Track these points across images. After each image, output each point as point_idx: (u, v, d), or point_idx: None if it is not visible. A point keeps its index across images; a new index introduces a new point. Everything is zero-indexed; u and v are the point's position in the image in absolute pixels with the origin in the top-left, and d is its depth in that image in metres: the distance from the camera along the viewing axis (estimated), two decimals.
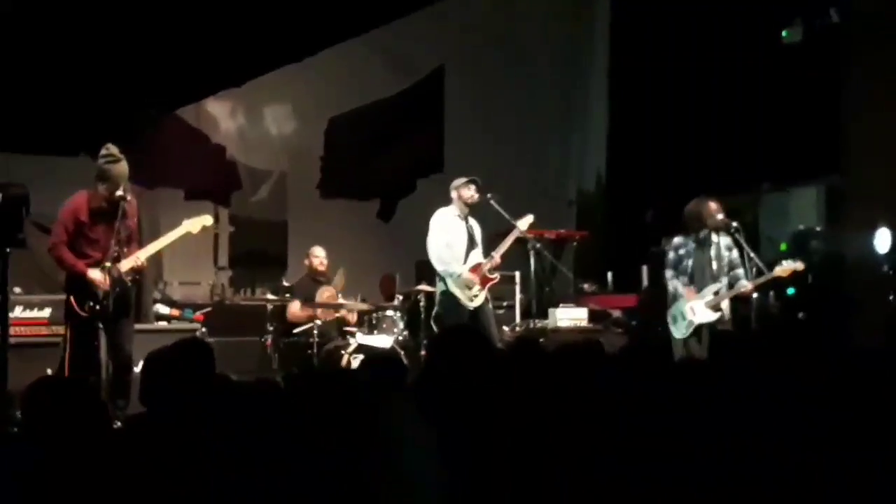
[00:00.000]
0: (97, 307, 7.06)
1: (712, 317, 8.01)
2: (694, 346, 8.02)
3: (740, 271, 8.07)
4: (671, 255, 8.27)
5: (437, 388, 3.06)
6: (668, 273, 8.27)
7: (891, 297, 8.91)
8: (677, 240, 8.30)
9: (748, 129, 11.43)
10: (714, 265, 8.10)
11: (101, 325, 7.14)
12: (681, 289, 8.09)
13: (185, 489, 2.34)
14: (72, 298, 7.17)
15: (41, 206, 7.66)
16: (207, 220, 7.80)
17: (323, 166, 12.72)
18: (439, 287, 8.51)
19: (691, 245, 8.18)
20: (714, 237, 8.16)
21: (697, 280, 8.12)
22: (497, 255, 8.47)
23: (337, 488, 2.48)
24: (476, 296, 8.39)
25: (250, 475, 2.42)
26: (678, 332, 8.05)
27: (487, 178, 8.84)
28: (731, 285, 8.05)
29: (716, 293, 8.02)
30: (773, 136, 11.17)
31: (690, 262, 8.16)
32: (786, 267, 8.01)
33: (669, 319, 8.14)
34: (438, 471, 2.58)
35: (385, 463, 2.59)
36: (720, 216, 8.07)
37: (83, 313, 7.10)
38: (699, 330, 8.00)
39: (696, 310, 7.99)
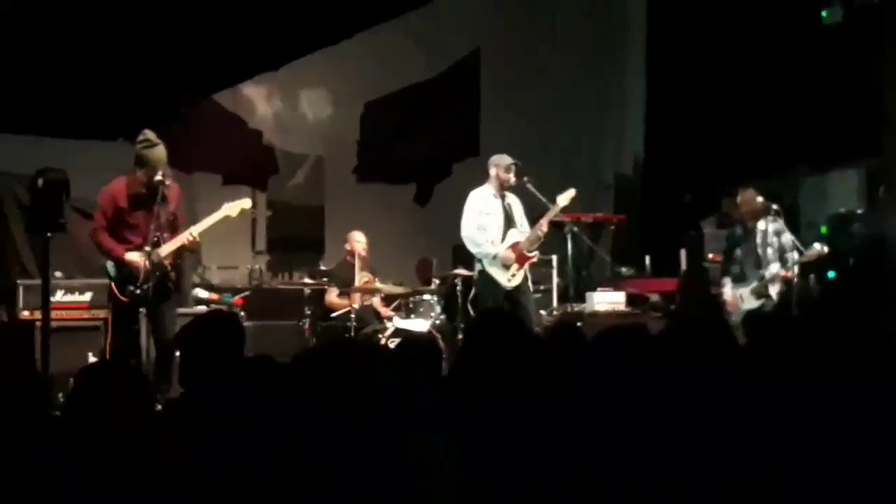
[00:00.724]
0: (137, 292, 7.11)
1: (757, 303, 8.12)
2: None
3: (793, 255, 8.14)
4: (724, 244, 8.44)
5: (471, 372, 3.05)
6: (723, 266, 8.43)
7: None
8: (730, 230, 8.47)
9: (787, 111, 11.30)
10: (760, 252, 8.21)
11: (142, 310, 7.19)
12: (726, 286, 8.23)
13: (222, 471, 2.36)
14: (112, 284, 7.24)
15: (82, 192, 7.76)
16: (246, 203, 7.82)
17: (359, 150, 12.73)
18: (477, 267, 8.49)
19: (738, 233, 8.33)
20: (761, 224, 8.23)
21: (746, 268, 8.24)
22: (540, 230, 8.39)
23: (361, 470, 2.48)
24: (514, 275, 8.34)
25: (277, 457, 2.43)
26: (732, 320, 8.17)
27: (523, 162, 8.81)
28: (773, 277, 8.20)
29: (760, 279, 8.15)
30: (813, 118, 11.04)
31: (739, 252, 8.31)
32: (812, 252, 8.10)
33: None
34: (457, 459, 2.56)
35: (401, 447, 2.58)
36: (759, 200, 8.16)
37: (124, 298, 7.16)
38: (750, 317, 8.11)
39: (743, 297, 8.14)
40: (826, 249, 8.15)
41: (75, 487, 2.38)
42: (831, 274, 10.38)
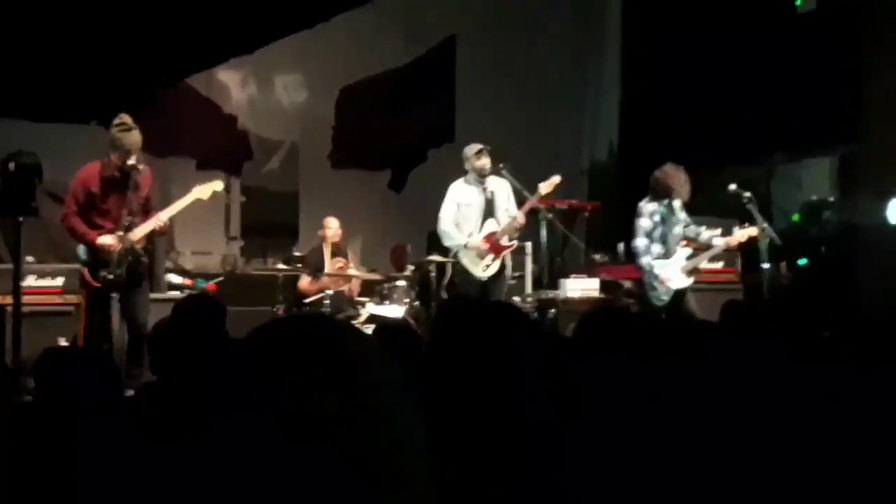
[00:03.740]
0: (109, 276, 7.08)
1: (687, 282, 8.23)
2: (677, 311, 8.21)
3: (698, 227, 8.29)
4: (646, 221, 8.38)
5: (438, 360, 3.04)
6: (641, 242, 8.35)
7: None
8: (650, 206, 8.42)
9: (761, 98, 11.33)
10: (677, 230, 8.33)
11: (115, 295, 7.16)
12: (655, 264, 8.24)
13: (197, 456, 2.34)
14: (85, 269, 7.20)
15: (55, 176, 7.69)
16: (217, 185, 7.80)
17: (334, 136, 12.68)
18: (455, 256, 8.52)
19: (663, 210, 8.34)
20: (676, 202, 8.36)
21: (670, 245, 8.30)
22: (518, 219, 8.41)
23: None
24: (489, 266, 8.35)
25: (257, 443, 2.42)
26: (657, 299, 8.22)
27: (499, 148, 8.82)
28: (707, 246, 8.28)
29: (688, 257, 8.25)
30: (787, 105, 11.07)
31: (662, 229, 8.33)
32: (743, 232, 8.24)
33: (647, 287, 8.31)
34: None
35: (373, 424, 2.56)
36: (688, 186, 8.28)
37: (95, 283, 7.13)
38: (678, 295, 8.20)
39: (673, 277, 8.19)
40: (755, 231, 8.24)
41: (44, 473, 2.36)
42: (802, 261, 10.45)
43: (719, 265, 9.61)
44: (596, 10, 14.02)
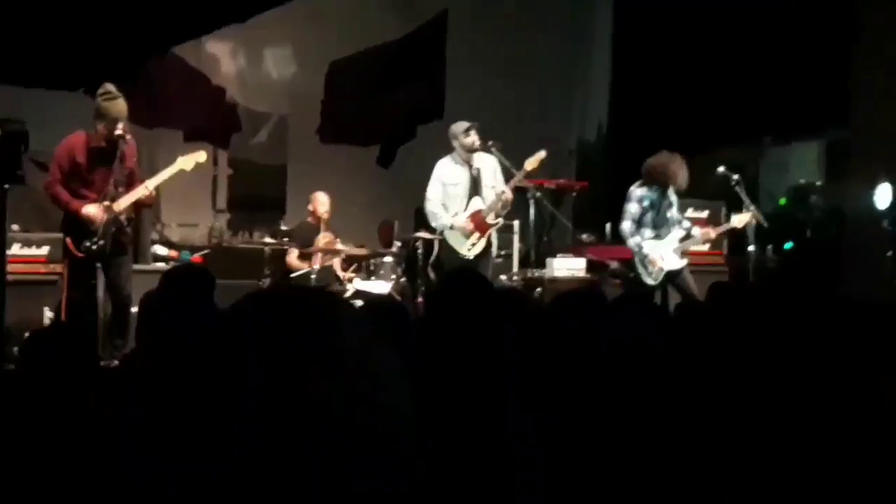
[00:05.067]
0: (93, 247, 7.05)
1: (681, 263, 8.26)
2: (670, 292, 8.25)
3: (688, 225, 8.40)
4: (635, 207, 8.40)
5: (434, 335, 3.04)
6: (628, 226, 8.39)
7: (889, 254, 8.92)
8: (640, 191, 8.43)
9: (752, 81, 11.33)
10: (671, 213, 8.36)
11: (98, 265, 7.14)
12: (645, 244, 8.25)
13: (183, 423, 2.33)
14: (68, 239, 7.17)
15: (41, 144, 7.65)
16: (201, 156, 7.77)
17: (323, 110, 12.61)
18: (441, 235, 8.52)
19: (654, 196, 8.34)
20: (669, 189, 8.41)
21: (662, 228, 8.33)
22: (505, 196, 8.41)
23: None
24: (474, 244, 8.36)
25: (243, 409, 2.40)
26: (649, 279, 8.24)
27: (488, 126, 8.80)
28: (688, 234, 8.35)
29: (681, 240, 8.28)
30: (777, 89, 11.08)
31: (653, 213, 8.35)
32: (741, 217, 8.28)
33: (639, 268, 8.33)
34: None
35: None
36: (686, 173, 8.29)
37: (79, 253, 7.10)
38: (671, 276, 8.23)
39: (664, 256, 8.21)
40: (753, 217, 8.28)
41: (26, 441, 2.35)
42: (788, 245, 10.49)
43: (705, 247, 9.63)
44: None
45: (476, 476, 2.39)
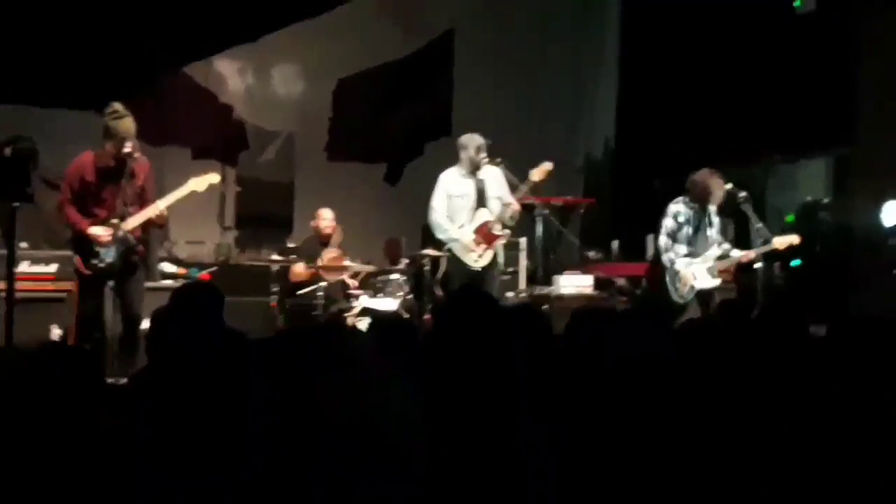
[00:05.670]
0: (101, 265, 7.08)
1: (714, 283, 8.16)
2: (697, 310, 8.14)
3: (728, 246, 8.30)
4: (670, 222, 8.34)
5: (442, 349, 3.05)
6: (664, 241, 8.34)
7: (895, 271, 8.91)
8: (675, 207, 8.37)
9: (759, 98, 11.35)
10: (711, 232, 8.28)
11: (110, 284, 7.16)
12: (678, 261, 8.20)
13: (190, 441, 2.34)
14: (77, 257, 7.20)
15: (51, 162, 7.69)
16: (214, 178, 7.77)
17: (331, 128, 12.67)
18: (446, 248, 8.50)
19: (691, 213, 8.28)
20: (711, 207, 8.33)
21: (698, 246, 8.25)
22: (515, 204, 8.38)
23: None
24: (480, 256, 8.35)
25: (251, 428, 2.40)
26: (676, 296, 8.17)
27: (495, 143, 8.79)
28: (725, 254, 8.25)
29: (719, 258, 8.19)
30: (784, 106, 11.09)
31: (689, 230, 8.28)
32: (784, 239, 8.16)
33: (669, 285, 8.24)
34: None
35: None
36: (724, 192, 8.22)
37: (87, 272, 7.13)
38: (703, 295, 8.13)
39: (697, 275, 8.12)
40: (797, 239, 8.20)
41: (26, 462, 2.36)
42: (796, 262, 10.47)
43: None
44: (595, 8, 14.02)
45: (486, 487, 2.40)
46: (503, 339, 3.03)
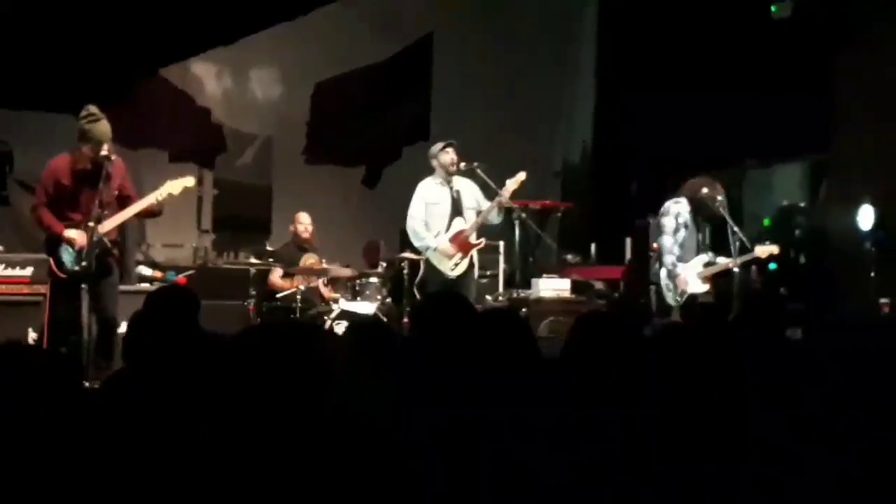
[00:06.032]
0: (76, 268, 7.02)
1: (703, 288, 8.17)
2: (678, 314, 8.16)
3: (716, 255, 8.32)
4: (672, 221, 8.24)
5: (419, 354, 3.04)
6: (668, 240, 8.24)
7: (872, 274, 8.96)
8: (679, 207, 8.30)
9: (735, 103, 11.39)
10: (701, 238, 8.26)
11: (84, 286, 7.10)
12: (679, 265, 8.17)
13: (167, 445, 2.32)
14: (51, 260, 7.14)
15: (27, 165, 7.63)
16: (190, 181, 7.70)
17: (309, 131, 12.64)
18: (423, 256, 8.53)
19: (688, 216, 8.26)
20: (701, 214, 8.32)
21: (688, 251, 8.24)
22: (487, 215, 8.41)
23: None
24: (457, 264, 8.37)
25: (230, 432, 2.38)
26: (670, 298, 8.16)
27: (474, 148, 8.81)
28: (712, 261, 8.23)
29: (706, 265, 8.18)
30: (760, 111, 11.14)
31: (684, 233, 8.26)
32: (765, 249, 8.15)
33: (664, 287, 8.21)
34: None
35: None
36: (714, 204, 8.16)
37: (62, 275, 7.08)
38: (692, 299, 8.14)
39: (688, 280, 8.13)
40: (777, 249, 8.21)
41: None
42: (772, 265, 10.51)
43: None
44: (573, 14, 14.05)
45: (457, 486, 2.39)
46: (479, 341, 3.02)
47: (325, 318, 8.98)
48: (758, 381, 3.03)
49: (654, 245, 8.68)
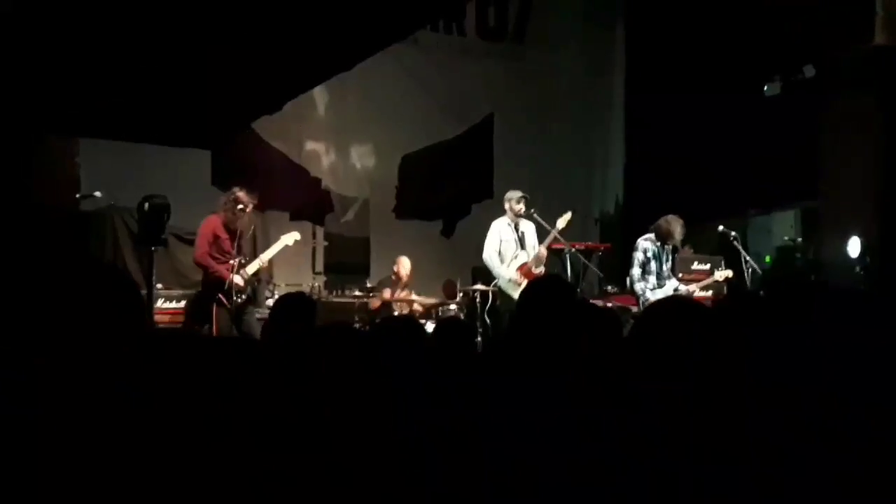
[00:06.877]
0: (239, 301, 7.32)
1: None
2: None
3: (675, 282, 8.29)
4: (641, 256, 8.19)
5: (525, 339, 2.82)
6: (636, 272, 8.14)
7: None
8: (646, 243, 8.21)
9: (739, 163, 11.26)
10: (666, 267, 8.18)
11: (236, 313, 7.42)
12: (649, 293, 8.04)
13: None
14: (221, 296, 7.38)
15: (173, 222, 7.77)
16: (296, 235, 8.26)
17: (398, 193, 12.66)
18: (496, 284, 8.55)
19: (655, 248, 8.16)
20: (668, 245, 8.24)
21: (662, 276, 8.15)
22: (542, 248, 8.49)
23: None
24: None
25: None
26: None
27: (527, 202, 8.76)
28: (675, 288, 8.16)
29: (675, 290, 8.08)
30: (759, 169, 11.01)
31: (655, 264, 8.17)
32: (722, 273, 8.11)
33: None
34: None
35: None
36: (683, 233, 8.13)
37: (228, 306, 7.36)
38: None
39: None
40: (730, 273, 8.11)
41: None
42: (767, 259, 10.29)
43: (709, 293, 9.35)
44: (605, 96, 14.02)
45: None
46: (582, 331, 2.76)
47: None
48: (757, 381, 2.71)
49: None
